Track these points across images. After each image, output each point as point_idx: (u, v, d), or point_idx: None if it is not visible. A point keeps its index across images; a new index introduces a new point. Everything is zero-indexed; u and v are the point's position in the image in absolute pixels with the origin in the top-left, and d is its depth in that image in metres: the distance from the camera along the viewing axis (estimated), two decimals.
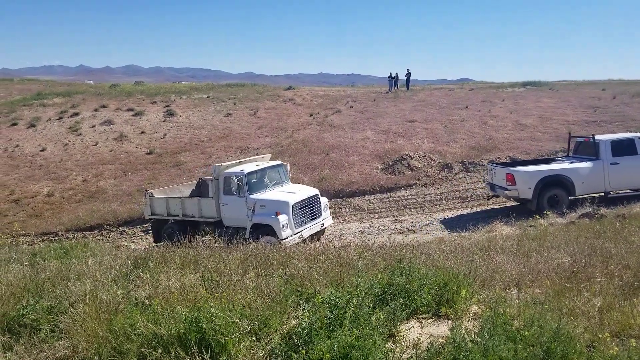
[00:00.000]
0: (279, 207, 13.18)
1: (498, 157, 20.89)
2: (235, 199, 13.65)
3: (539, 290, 5.52)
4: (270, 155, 16.94)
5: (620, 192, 14.95)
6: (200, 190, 16.64)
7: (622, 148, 14.91)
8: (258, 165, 14.39)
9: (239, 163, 14.55)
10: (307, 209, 13.79)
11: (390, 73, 40.74)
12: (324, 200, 14.62)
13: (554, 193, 14.67)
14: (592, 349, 3.92)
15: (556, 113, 27.08)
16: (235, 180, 13.50)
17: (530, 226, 13.22)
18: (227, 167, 14.21)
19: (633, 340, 3.81)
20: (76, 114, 32.21)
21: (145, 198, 15.57)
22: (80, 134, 28.85)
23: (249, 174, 13.78)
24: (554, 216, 14.17)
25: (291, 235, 13.02)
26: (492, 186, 16.05)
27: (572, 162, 15.30)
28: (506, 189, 15.02)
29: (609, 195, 14.79)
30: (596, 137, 15.33)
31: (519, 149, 21.71)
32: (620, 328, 4.30)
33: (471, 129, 25.15)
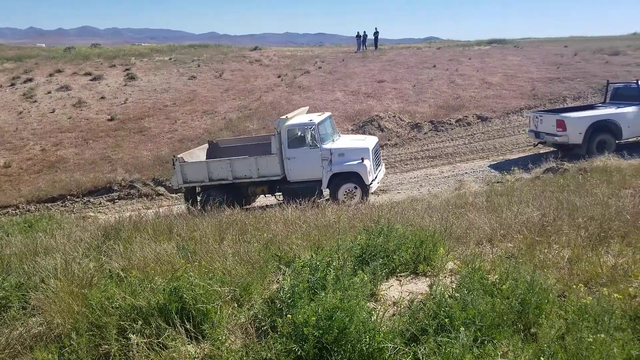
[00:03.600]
0: (362, 153, 13.15)
1: (466, 116, 21.12)
2: (306, 151, 13.18)
3: (510, 245, 5.69)
4: (307, 107, 16.48)
5: None
6: (213, 153, 15.57)
7: None
8: (320, 115, 14.06)
9: (289, 118, 13.89)
10: (376, 156, 13.95)
11: (358, 32, 40.22)
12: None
13: (602, 138, 14.81)
14: (563, 298, 4.09)
15: (521, 70, 27.40)
16: (310, 131, 13.14)
17: (498, 182, 13.55)
18: (289, 119, 13.58)
19: (605, 288, 3.97)
20: (30, 80, 30.69)
21: (174, 165, 13.99)
22: (35, 101, 27.54)
23: (320, 123, 13.44)
24: (520, 172, 14.55)
25: (373, 181, 13.13)
26: (537, 134, 16.05)
27: (619, 107, 15.38)
28: (556, 135, 15.06)
29: None
30: None
31: (485, 107, 21.98)
32: (588, 277, 4.49)
33: (439, 88, 25.25)
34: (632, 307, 3.80)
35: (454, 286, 4.29)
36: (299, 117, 14.21)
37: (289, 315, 3.67)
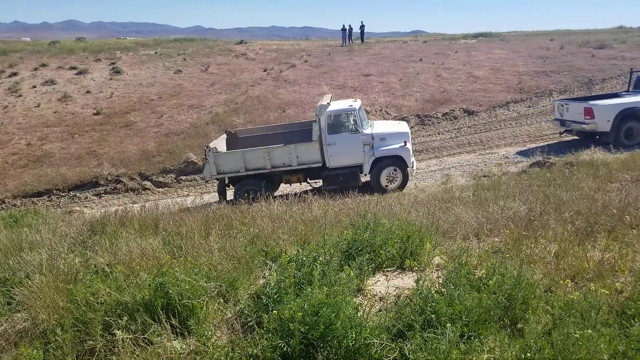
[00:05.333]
0: (403, 137, 13.31)
1: (452, 110, 21.19)
2: (347, 137, 13.19)
3: (497, 239, 5.70)
4: (332, 94, 16.47)
5: None
6: (231, 143, 15.11)
7: None
8: (355, 101, 14.08)
9: (329, 104, 13.82)
10: None
11: (344, 25, 40.06)
12: None
13: (630, 125, 14.89)
14: (550, 293, 4.10)
15: (507, 64, 27.52)
16: (352, 116, 13.19)
17: (484, 176, 13.62)
18: (330, 105, 13.50)
19: (591, 284, 3.99)
20: (14, 74, 30.21)
21: (206, 156, 13.48)
22: (20, 95, 27.12)
23: (359, 109, 13.50)
24: (506, 165, 14.65)
25: (412, 164, 13.41)
26: (563, 122, 16.09)
27: None
28: (584, 123, 15.09)
29: None
30: None
31: (472, 100, 22.06)
32: (575, 272, 4.51)
33: (425, 81, 25.28)
34: (618, 303, 3.82)
35: (441, 281, 4.30)
36: (337, 103, 14.25)
37: (275, 311, 3.65)
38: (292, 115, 21.75)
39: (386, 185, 13.32)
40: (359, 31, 40.31)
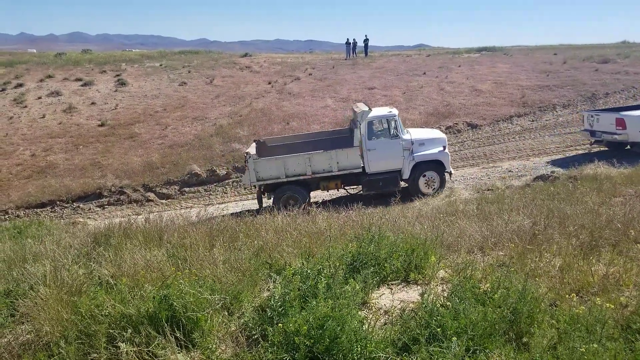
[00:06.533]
0: (441, 142, 13.63)
1: (455, 123, 21.24)
2: (387, 142, 13.42)
3: (502, 253, 5.69)
4: (362, 102, 16.70)
5: None
6: (259, 152, 14.79)
7: None
8: (392, 108, 14.32)
9: (371, 110, 14.04)
10: None
11: (348, 39, 40.34)
12: None
13: None
14: (555, 307, 4.09)
15: (510, 78, 27.64)
16: (392, 122, 13.41)
17: (488, 190, 13.61)
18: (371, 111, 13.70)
19: (596, 298, 3.97)
20: (20, 85, 30.43)
21: (246, 162, 13.52)
22: (25, 106, 27.30)
23: (397, 115, 13.74)
24: (509, 179, 14.64)
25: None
26: (593, 132, 16.20)
27: None
28: (615, 134, 15.24)
29: None
30: None
31: (475, 114, 22.12)
32: (580, 286, 4.49)
33: (429, 95, 25.38)
34: (623, 317, 3.80)
35: (446, 295, 4.28)
36: (378, 109, 14.45)
37: (279, 324, 3.64)
38: (296, 127, 21.82)
39: (424, 190, 13.56)
40: (363, 45, 40.59)
